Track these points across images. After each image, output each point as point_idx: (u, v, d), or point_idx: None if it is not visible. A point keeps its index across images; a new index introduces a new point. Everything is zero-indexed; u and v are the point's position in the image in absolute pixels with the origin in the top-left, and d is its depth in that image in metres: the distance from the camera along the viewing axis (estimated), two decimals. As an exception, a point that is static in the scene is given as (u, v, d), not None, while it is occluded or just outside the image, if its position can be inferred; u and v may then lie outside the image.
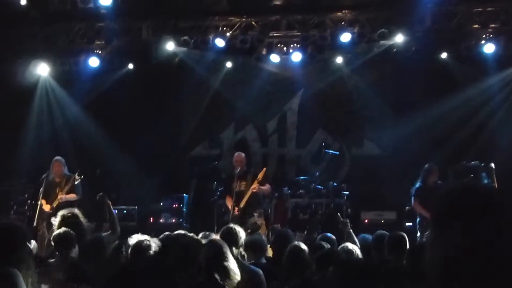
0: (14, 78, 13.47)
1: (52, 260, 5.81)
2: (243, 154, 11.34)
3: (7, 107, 13.58)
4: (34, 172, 11.08)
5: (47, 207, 10.52)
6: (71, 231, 5.95)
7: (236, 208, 10.56)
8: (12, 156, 13.37)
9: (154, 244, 5.16)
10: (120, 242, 5.97)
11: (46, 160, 11.56)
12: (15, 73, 13.48)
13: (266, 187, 10.91)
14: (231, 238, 5.75)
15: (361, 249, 6.32)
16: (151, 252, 5.07)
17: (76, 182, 10.77)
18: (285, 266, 5.61)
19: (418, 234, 10.46)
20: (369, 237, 6.60)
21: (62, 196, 10.52)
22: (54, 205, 10.43)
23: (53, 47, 13.78)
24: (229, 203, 10.85)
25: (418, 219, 10.75)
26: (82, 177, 10.83)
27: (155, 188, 14.26)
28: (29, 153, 13.12)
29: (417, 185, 10.83)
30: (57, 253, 5.85)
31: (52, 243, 5.94)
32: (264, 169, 11.09)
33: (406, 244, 6.16)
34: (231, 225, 6.23)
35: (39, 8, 12.55)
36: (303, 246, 5.72)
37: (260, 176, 10.75)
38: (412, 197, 10.81)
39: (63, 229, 6.01)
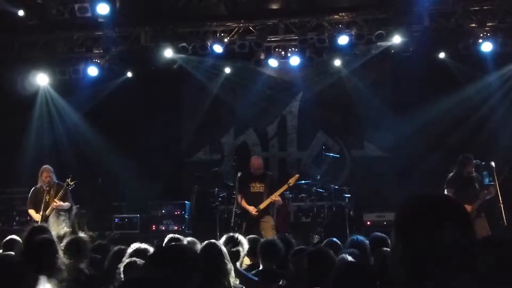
0: (14, 87, 13.51)
1: None
2: (260, 159, 11.53)
3: (7, 115, 13.63)
4: (36, 181, 11.02)
5: (37, 216, 10.37)
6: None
7: (255, 209, 10.64)
8: (14, 165, 13.39)
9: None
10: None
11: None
12: (15, 82, 13.52)
13: (278, 198, 10.92)
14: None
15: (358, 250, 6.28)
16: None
17: (70, 188, 10.61)
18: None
19: None
20: (359, 238, 6.50)
21: (57, 204, 10.38)
22: (47, 212, 10.31)
23: (52, 56, 13.83)
24: (241, 201, 10.89)
25: None
26: (74, 182, 10.58)
27: (156, 194, 14.24)
28: (31, 162, 13.08)
29: (452, 175, 10.34)
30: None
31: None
32: (297, 176, 11.16)
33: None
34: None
35: (38, 18, 12.57)
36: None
37: (291, 181, 10.88)
38: (446, 188, 10.21)
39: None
